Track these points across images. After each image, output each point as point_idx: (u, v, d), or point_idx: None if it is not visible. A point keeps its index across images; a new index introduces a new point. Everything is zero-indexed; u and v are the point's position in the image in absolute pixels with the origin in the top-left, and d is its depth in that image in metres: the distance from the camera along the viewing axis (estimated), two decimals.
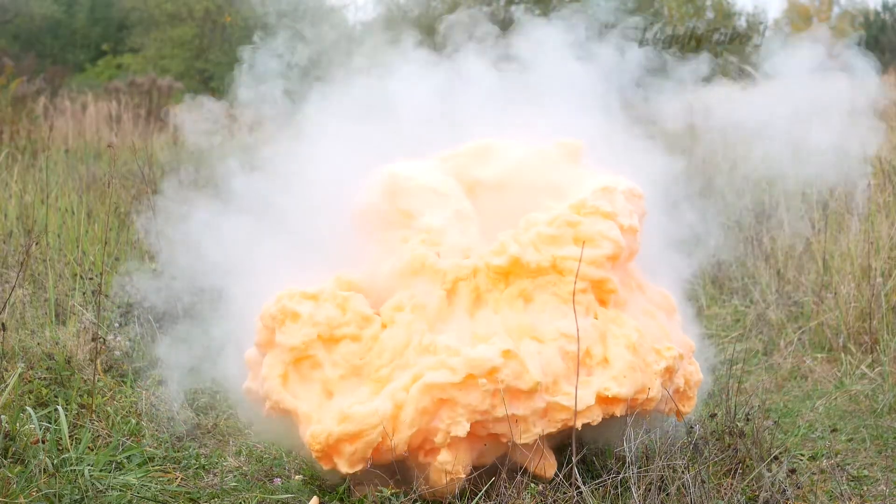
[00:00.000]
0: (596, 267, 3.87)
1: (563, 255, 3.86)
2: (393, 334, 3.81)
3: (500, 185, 4.24)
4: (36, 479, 3.92)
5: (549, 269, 3.86)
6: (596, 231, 3.90)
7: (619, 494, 3.75)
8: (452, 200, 4.12)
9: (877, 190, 7.41)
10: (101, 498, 3.93)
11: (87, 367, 4.98)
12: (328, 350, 3.83)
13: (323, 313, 3.83)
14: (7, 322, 5.16)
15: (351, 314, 3.85)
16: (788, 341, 6.22)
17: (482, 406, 3.61)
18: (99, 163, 10.21)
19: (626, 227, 3.97)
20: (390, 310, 3.89)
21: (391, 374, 3.75)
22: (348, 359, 3.82)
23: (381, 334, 3.83)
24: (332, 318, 3.83)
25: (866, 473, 4.37)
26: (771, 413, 5.12)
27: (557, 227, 3.92)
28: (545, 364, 3.70)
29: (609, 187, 4.05)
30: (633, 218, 4.02)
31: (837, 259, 6.55)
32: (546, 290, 3.86)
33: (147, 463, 4.34)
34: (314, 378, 3.85)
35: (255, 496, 4.08)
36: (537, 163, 4.24)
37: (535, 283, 3.87)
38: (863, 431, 4.85)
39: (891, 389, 5.18)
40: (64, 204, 7.42)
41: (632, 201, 4.08)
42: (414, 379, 3.67)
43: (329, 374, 3.82)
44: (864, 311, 5.95)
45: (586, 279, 3.84)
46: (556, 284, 3.85)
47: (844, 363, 5.76)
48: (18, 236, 6.92)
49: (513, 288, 3.91)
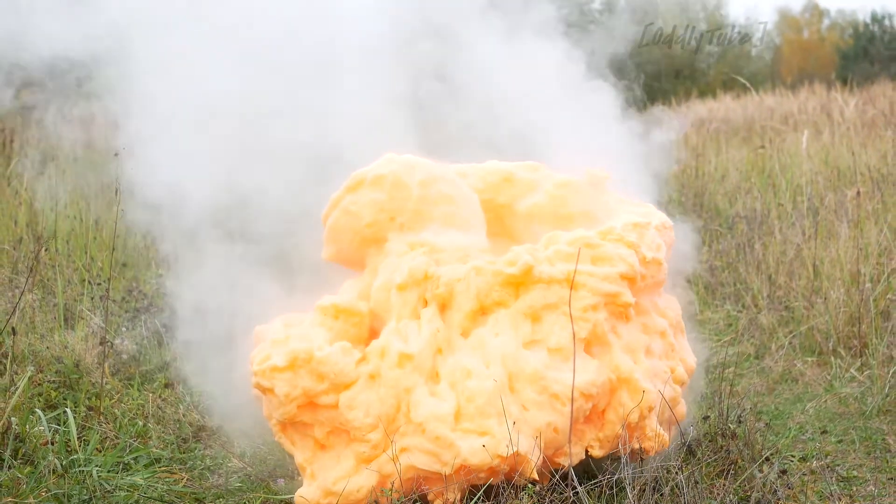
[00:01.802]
0: (609, 282, 3.75)
1: (577, 270, 3.74)
2: (380, 395, 3.63)
3: (531, 214, 4.18)
4: (45, 479, 3.93)
5: (562, 282, 3.73)
6: (614, 253, 3.81)
7: (615, 495, 3.75)
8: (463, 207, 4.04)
9: (865, 198, 7.43)
10: (108, 498, 3.93)
11: (95, 370, 4.98)
12: (313, 412, 3.72)
13: (300, 386, 3.64)
14: (17, 326, 5.16)
15: (328, 383, 3.64)
16: (780, 345, 6.22)
17: (475, 482, 3.58)
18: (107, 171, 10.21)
19: (648, 259, 3.88)
20: (377, 356, 3.69)
21: (379, 443, 3.62)
22: (332, 421, 3.70)
23: (361, 395, 3.64)
24: (309, 389, 3.64)
25: (855, 474, 4.37)
26: (762, 415, 5.13)
27: (575, 247, 3.81)
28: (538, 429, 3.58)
29: (640, 223, 3.96)
30: (659, 251, 3.94)
31: (827, 265, 6.55)
32: (557, 309, 3.71)
33: (154, 464, 4.34)
34: (306, 433, 3.79)
35: (259, 496, 4.08)
36: (569, 193, 4.18)
37: (545, 298, 3.72)
38: (852, 433, 4.85)
39: (879, 392, 5.19)
40: (72, 211, 7.43)
41: (662, 233, 4.03)
42: (401, 450, 3.58)
43: (317, 433, 3.75)
44: (854, 316, 5.95)
45: (599, 294, 3.73)
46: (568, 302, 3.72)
47: (834, 366, 5.77)
48: (28, 243, 6.93)
49: (521, 302, 3.76)
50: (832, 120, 11.68)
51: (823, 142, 10.47)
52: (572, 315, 3.68)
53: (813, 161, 9.43)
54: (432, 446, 3.53)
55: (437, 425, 3.53)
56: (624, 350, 3.80)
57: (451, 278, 3.78)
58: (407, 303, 3.78)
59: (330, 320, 3.83)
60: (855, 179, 8.34)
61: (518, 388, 3.62)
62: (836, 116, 11.68)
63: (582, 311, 3.70)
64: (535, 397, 3.59)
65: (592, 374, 3.65)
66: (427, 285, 3.78)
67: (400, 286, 3.78)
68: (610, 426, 3.73)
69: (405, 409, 3.61)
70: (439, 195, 3.98)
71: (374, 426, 3.61)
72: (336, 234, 4.05)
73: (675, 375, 3.91)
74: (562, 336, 3.67)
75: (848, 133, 10.63)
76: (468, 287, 3.77)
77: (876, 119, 11.09)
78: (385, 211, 3.95)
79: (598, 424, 3.75)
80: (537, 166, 4.30)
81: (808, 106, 13.33)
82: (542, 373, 3.60)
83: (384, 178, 3.95)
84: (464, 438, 3.51)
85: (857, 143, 9.85)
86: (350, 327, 3.85)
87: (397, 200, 3.95)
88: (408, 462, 3.56)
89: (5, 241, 7.03)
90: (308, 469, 3.77)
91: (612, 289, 3.75)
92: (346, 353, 3.69)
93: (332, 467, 3.72)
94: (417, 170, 3.98)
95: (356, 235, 4.01)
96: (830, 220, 7.32)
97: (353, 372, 3.66)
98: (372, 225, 3.96)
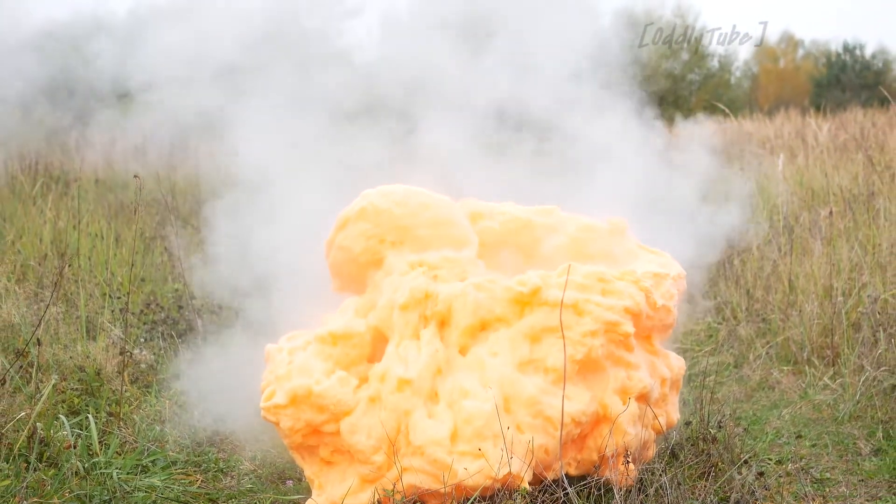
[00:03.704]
0: (612, 312, 3.73)
1: (585, 299, 3.73)
2: (382, 418, 3.64)
3: (554, 255, 4.18)
4: (68, 481, 3.94)
5: (567, 307, 3.70)
6: (624, 290, 3.80)
7: (602, 495, 3.77)
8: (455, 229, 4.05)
9: (837, 217, 7.45)
10: (128, 498, 3.94)
11: (115, 378, 4.99)
12: (318, 437, 3.75)
13: (302, 419, 3.68)
14: (42, 337, 5.18)
15: (328, 413, 3.66)
16: (757, 355, 6.24)
17: (471, 495, 3.57)
18: (126, 192, 10.23)
19: (658, 305, 3.88)
20: (377, 380, 3.71)
21: (383, 465, 3.64)
22: (335, 444, 3.74)
23: (362, 420, 3.65)
24: (311, 420, 3.68)
25: (828, 476, 4.38)
26: (741, 421, 5.14)
27: (589, 280, 3.81)
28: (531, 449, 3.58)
29: (660, 273, 3.97)
30: (671, 300, 3.94)
31: (802, 280, 6.57)
32: (557, 332, 3.67)
33: (170, 466, 4.35)
34: (313, 452, 3.82)
35: (269, 497, 4.09)
36: (590, 236, 4.20)
37: (548, 321, 3.70)
38: (825, 438, 4.86)
39: (851, 399, 5.20)
40: (94, 229, 7.44)
41: (677, 283, 4.03)
42: (403, 470, 3.60)
43: (322, 452, 3.79)
44: (827, 328, 5.97)
45: (600, 321, 3.70)
46: (571, 327, 3.69)
47: (808, 375, 5.78)
48: (52, 259, 6.94)
49: (524, 322, 3.76)
50: (806, 144, 11.70)
51: (798, 164, 10.50)
52: (572, 339, 3.68)
53: (788, 182, 9.46)
54: (431, 468, 3.56)
55: (435, 449, 3.55)
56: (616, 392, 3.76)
57: (450, 295, 3.79)
58: (409, 323, 3.80)
59: (328, 348, 3.85)
60: (828, 200, 8.37)
61: (514, 410, 3.63)
62: (811, 141, 11.71)
63: (581, 335, 3.69)
64: (530, 420, 3.61)
65: (584, 404, 3.67)
66: (427, 304, 3.80)
67: (402, 306, 3.80)
68: (587, 451, 3.76)
69: (405, 430, 3.63)
70: (419, 206, 4.03)
71: (377, 448, 3.63)
72: (336, 269, 4.15)
73: (656, 424, 3.90)
74: (559, 358, 3.66)
75: (821, 156, 10.65)
76: (466, 304, 3.77)
77: (847, 143, 11.11)
78: (373, 237, 4.03)
79: (578, 447, 3.76)
80: (551, 210, 4.30)
81: (784, 131, 13.36)
82: (537, 398, 3.61)
83: (364, 209, 4.03)
84: (460, 461, 3.52)
85: (830, 165, 9.87)
86: (349, 350, 3.86)
87: (381, 225, 4.02)
88: (409, 482, 3.58)
89: (31, 257, 7.04)
90: (316, 481, 3.82)
91: (614, 318, 3.73)
92: (343, 383, 3.70)
93: (338, 483, 3.75)
94: (392, 194, 4.05)
95: (353, 265, 4.10)
96: (805, 237, 7.34)
97: (351, 399, 3.68)
98: (364, 252, 4.04)
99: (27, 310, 5.68)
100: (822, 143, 11.42)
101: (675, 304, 3.98)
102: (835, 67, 33.43)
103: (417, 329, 3.79)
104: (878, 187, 8.01)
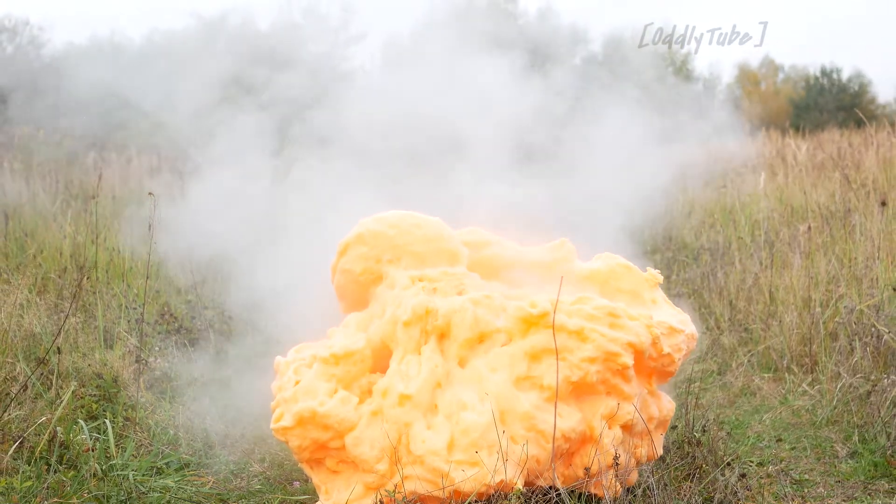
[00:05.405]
0: (615, 344, 3.74)
1: (591, 328, 3.74)
2: (384, 430, 3.66)
3: (588, 277, 4.18)
4: (87, 482, 3.95)
5: (571, 333, 3.74)
6: (631, 327, 3.81)
7: (593, 496, 3.78)
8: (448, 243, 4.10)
9: (815, 232, 7.48)
10: (143, 499, 3.94)
11: (131, 385, 5.00)
12: (325, 451, 3.79)
13: (309, 437, 3.73)
14: (62, 346, 5.19)
15: (332, 431, 3.71)
16: (739, 363, 6.25)
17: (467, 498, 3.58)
18: (141, 208, 10.25)
19: (663, 352, 3.89)
20: (380, 395, 3.75)
21: (386, 472, 3.67)
22: (341, 456, 3.78)
23: (365, 432, 3.68)
24: (317, 439, 3.73)
25: (807, 478, 4.39)
26: (724, 425, 5.15)
27: (599, 312, 3.82)
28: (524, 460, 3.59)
29: (675, 328, 3.97)
30: (678, 353, 3.94)
31: (782, 291, 6.59)
32: (558, 353, 3.71)
33: (183, 468, 4.36)
34: (321, 463, 3.85)
35: (277, 497, 4.10)
36: (625, 273, 4.19)
37: (550, 343, 3.70)
38: (804, 441, 4.87)
39: (828, 404, 5.21)
40: (111, 244, 7.46)
41: (688, 341, 4.03)
42: (404, 478, 3.62)
43: (328, 463, 3.82)
44: (805, 337, 5.99)
45: (601, 350, 3.72)
46: (572, 351, 3.72)
47: (788, 382, 5.79)
48: (72, 272, 6.95)
49: (526, 341, 3.77)
50: (786, 163, 11.73)
51: (778, 182, 10.53)
52: (571, 362, 3.71)
53: (769, 199, 9.49)
54: (430, 476, 3.58)
55: (433, 459, 3.58)
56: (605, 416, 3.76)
57: (449, 310, 3.81)
58: (411, 338, 3.82)
59: (331, 368, 3.86)
60: (806, 216, 8.39)
61: (509, 423, 3.65)
62: (790, 160, 11.73)
63: (580, 360, 3.71)
64: (524, 433, 3.63)
65: (574, 422, 3.69)
66: (428, 319, 3.82)
67: (405, 323, 3.82)
68: (574, 468, 3.77)
69: (406, 441, 3.66)
70: (411, 226, 4.11)
71: (380, 458, 3.67)
72: (342, 291, 4.22)
73: (637, 453, 3.89)
74: (555, 378, 3.69)
75: (800, 175, 10.69)
76: (464, 319, 3.80)
77: (825, 162, 11.15)
78: (370, 258, 4.10)
79: (566, 462, 3.78)
80: (561, 245, 4.30)
81: (765, 150, 13.39)
82: (532, 413, 3.64)
83: (361, 234, 4.12)
84: (457, 470, 3.55)
85: (809, 183, 9.90)
86: (351, 367, 3.88)
87: (378, 246, 4.10)
88: (410, 488, 3.61)
89: (52, 270, 7.05)
90: (323, 487, 3.85)
91: (615, 349, 3.74)
92: (345, 402, 3.74)
93: (344, 489, 3.77)
94: (385, 218, 4.15)
95: (355, 285, 4.16)
96: (784, 251, 7.37)
97: (353, 416, 3.72)
98: (364, 272, 4.12)
99: (48, 320, 5.69)
100: (801, 162, 11.45)
101: (681, 357, 3.95)
102: (813, 90, 33.53)
103: (419, 343, 3.82)
104: (853, 204, 8.03)
